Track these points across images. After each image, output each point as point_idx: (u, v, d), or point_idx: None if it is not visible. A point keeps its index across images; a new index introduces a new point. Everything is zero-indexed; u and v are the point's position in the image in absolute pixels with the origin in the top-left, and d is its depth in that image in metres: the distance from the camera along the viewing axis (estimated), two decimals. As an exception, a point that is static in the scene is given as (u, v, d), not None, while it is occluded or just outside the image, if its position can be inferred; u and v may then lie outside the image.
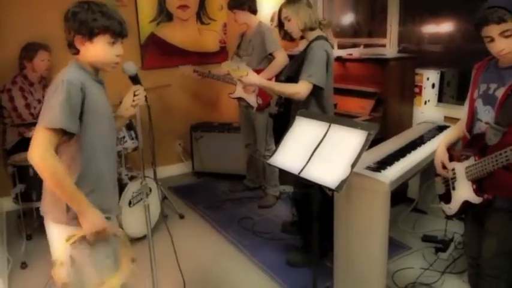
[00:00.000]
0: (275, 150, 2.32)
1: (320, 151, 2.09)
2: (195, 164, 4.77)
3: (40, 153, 1.55)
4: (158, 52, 4.59)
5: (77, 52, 1.71)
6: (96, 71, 1.78)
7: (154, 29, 4.53)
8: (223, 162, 4.60)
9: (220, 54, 4.90)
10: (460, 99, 3.70)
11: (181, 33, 4.69)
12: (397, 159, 2.57)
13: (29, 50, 3.55)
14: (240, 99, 3.93)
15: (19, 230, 3.55)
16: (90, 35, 1.66)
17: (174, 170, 4.88)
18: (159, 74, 4.51)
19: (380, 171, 2.36)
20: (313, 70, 2.58)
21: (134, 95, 1.93)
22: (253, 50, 3.77)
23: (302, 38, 2.80)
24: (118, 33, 1.72)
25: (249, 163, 4.27)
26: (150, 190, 3.46)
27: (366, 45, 4.47)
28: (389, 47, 4.14)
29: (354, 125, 2.03)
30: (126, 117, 2.00)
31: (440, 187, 2.21)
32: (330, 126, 2.13)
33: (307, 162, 2.09)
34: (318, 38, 2.70)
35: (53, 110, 1.56)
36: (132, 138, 3.52)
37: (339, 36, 4.80)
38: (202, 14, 4.78)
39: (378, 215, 2.30)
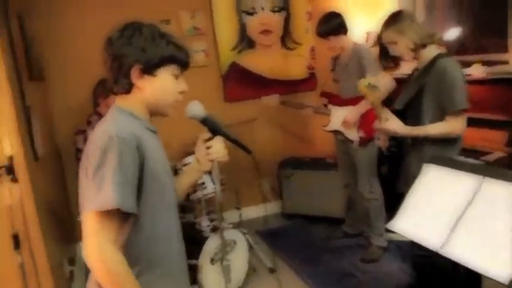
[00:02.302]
0: (397, 212, 1.71)
1: (469, 217, 1.46)
2: (285, 205, 4.24)
3: (98, 249, 1.13)
4: (241, 82, 4.20)
5: (127, 90, 1.30)
6: (150, 115, 1.36)
7: (235, 58, 4.16)
8: (317, 203, 4.02)
9: (309, 82, 4.38)
10: None
11: (265, 61, 4.26)
12: None
13: (105, 86, 3.32)
14: (336, 132, 3.37)
15: None
16: (155, 65, 1.27)
17: (260, 211, 4.38)
18: (243, 106, 4.15)
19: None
20: (460, 96, 2.07)
21: (207, 147, 1.46)
22: (349, 76, 3.21)
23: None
24: (184, 63, 1.34)
25: (348, 206, 3.65)
26: (235, 243, 3.04)
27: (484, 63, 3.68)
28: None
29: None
30: (200, 173, 1.53)
31: None
32: (482, 180, 1.48)
33: (450, 233, 1.47)
34: (440, 56, 2.15)
35: (103, 184, 1.13)
36: (214, 183, 3.08)
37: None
38: (286, 38, 4.32)
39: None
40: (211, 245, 2.77)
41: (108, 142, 1.15)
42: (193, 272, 2.74)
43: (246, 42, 4.18)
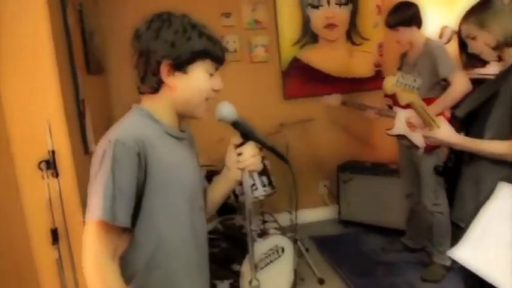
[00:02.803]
0: (460, 240, 1.46)
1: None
2: (342, 211, 4.00)
3: (93, 258, 1.04)
4: (301, 79, 4.00)
5: (155, 90, 1.17)
6: (179, 119, 1.23)
7: (297, 53, 3.96)
8: (376, 211, 3.74)
9: (375, 80, 4.07)
10: None
11: (328, 57, 4.02)
12: None
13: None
14: (400, 136, 3.08)
15: None
16: (186, 61, 1.14)
17: (316, 214, 4.19)
18: (302, 104, 3.97)
19: None
20: None
21: (238, 154, 1.28)
22: (419, 75, 2.90)
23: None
24: (219, 59, 1.20)
25: (409, 218, 3.34)
26: (283, 250, 2.87)
27: None
28: None
29: None
30: (232, 181, 1.36)
31: None
32: None
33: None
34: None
35: (96, 193, 1.03)
36: (264, 185, 2.94)
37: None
38: (353, 33, 4.05)
39: None
40: (257, 250, 2.63)
41: (106, 147, 1.05)
42: (236, 277, 2.62)
43: (309, 36, 3.97)
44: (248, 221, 1.31)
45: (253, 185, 2.88)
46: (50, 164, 1.92)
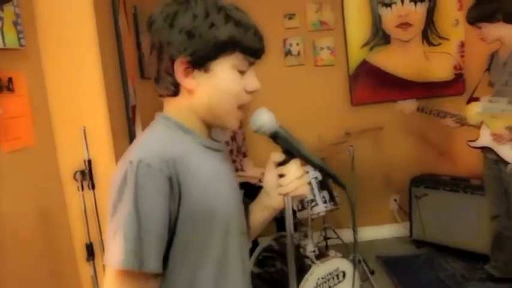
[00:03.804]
0: None
1: None
2: (414, 230, 3.60)
3: None
4: (371, 84, 3.71)
5: (173, 92, 0.94)
6: (208, 127, 0.99)
7: (366, 56, 3.67)
8: (454, 232, 3.31)
9: (455, 84, 3.66)
10: None
11: (401, 59, 3.68)
12: None
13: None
14: (486, 149, 2.67)
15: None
16: (208, 56, 0.89)
17: (385, 231, 3.83)
18: (371, 111, 3.70)
19: None
20: None
21: (280, 176, 1.01)
22: (509, 77, 2.49)
23: None
24: (255, 52, 0.92)
25: (496, 243, 2.89)
26: (344, 275, 2.59)
27: None
28: None
29: None
30: (271, 210, 1.09)
31: None
32: None
33: None
34: None
35: (116, 232, 0.82)
36: (325, 202, 2.67)
37: None
38: (430, 32, 3.67)
39: None
40: (315, 275, 2.37)
41: (127, 170, 0.83)
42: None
43: (379, 37, 3.66)
44: (289, 264, 1.06)
45: (313, 200, 2.62)
46: (86, 175, 1.80)
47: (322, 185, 2.70)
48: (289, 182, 0.98)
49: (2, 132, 1.74)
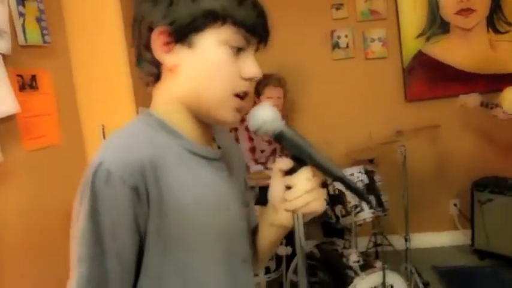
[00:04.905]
0: None
1: None
2: (476, 238, 3.26)
3: None
4: (427, 77, 3.41)
5: (156, 75, 0.80)
6: (205, 126, 0.82)
7: (422, 46, 3.37)
8: (523, 243, 2.95)
9: (526, 77, 3.27)
10: None
11: (461, 49, 3.34)
12: None
13: (260, 83, 2.99)
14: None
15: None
16: (190, 27, 0.73)
17: (443, 239, 3.51)
18: (427, 107, 3.41)
19: None
20: None
21: (287, 188, 0.81)
22: None
23: None
24: (250, 27, 0.74)
25: None
26: (392, 289, 2.34)
27: None
28: None
29: None
30: (280, 229, 0.90)
31: None
32: None
33: None
34: None
35: (75, 249, 0.69)
36: (371, 207, 2.43)
37: None
38: (496, 18, 3.30)
39: None
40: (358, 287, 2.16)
41: (88, 178, 0.68)
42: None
43: (437, 26, 3.35)
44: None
45: (357, 206, 2.40)
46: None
47: (369, 189, 2.47)
48: (296, 197, 0.78)
49: (24, 131, 1.71)
